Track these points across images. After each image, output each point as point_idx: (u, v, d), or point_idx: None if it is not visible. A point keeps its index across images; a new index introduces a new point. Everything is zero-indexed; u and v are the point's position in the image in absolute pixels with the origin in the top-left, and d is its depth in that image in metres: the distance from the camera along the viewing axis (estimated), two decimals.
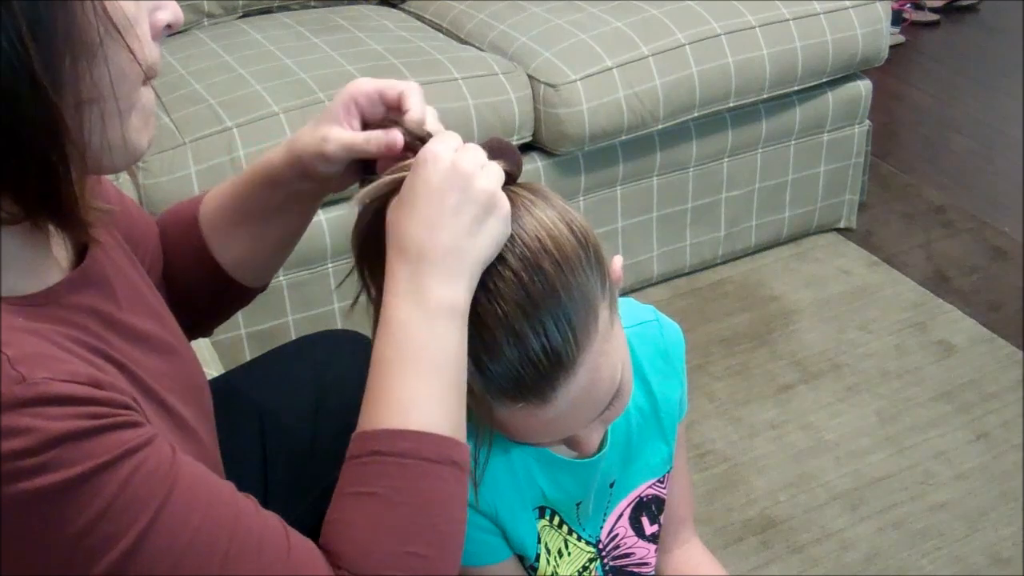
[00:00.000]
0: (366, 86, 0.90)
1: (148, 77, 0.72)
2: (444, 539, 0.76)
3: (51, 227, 0.76)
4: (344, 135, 0.90)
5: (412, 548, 0.74)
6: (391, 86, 0.90)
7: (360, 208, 0.84)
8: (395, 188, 0.82)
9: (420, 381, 0.77)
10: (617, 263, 0.87)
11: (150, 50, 0.71)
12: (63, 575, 0.65)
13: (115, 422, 0.66)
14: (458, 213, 0.78)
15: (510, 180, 0.84)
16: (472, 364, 0.80)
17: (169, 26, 0.73)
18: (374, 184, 0.83)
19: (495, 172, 0.81)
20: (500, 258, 0.80)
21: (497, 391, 0.82)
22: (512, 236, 0.81)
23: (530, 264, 0.80)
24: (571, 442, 0.91)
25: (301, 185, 0.96)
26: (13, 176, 0.66)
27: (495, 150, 0.84)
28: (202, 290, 1.04)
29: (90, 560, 0.65)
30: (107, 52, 0.67)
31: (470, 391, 0.82)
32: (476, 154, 0.81)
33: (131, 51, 0.68)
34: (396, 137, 0.87)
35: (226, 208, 1.01)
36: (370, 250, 0.85)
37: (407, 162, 0.82)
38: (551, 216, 0.82)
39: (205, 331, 1.13)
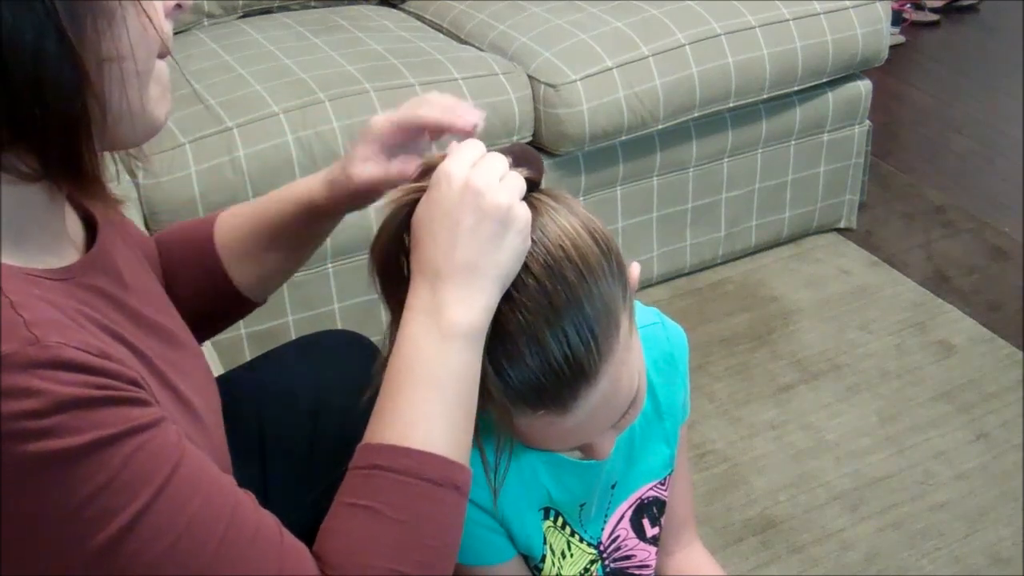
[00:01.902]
0: (398, 117, 0.95)
1: (163, 51, 0.74)
2: (434, 561, 0.76)
3: (68, 199, 0.78)
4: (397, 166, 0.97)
5: (401, 567, 0.74)
6: (429, 116, 0.94)
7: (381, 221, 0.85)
8: (413, 204, 0.81)
9: (429, 401, 0.77)
10: (635, 271, 0.86)
11: (164, 24, 0.74)
12: (59, 545, 0.66)
13: (123, 396, 0.67)
14: (475, 232, 0.77)
15: (533, 187, 0.83)
16: (493, 372, 0.80)
17: (179, 6, 0.75)
18: (391, 199, 0.83)
19: (513, 184, 0.80)
20: (523, 266, 0.80)
21: (518, 399, 0.81)
22: (535, 243, 0.80)
23: (553, 272, 0.79)
24: (585, 449, 0.90)
25: (341, 214, 1.03)
26: (37, 130, 0.67)
27: (518, 157, 0.83)
28: (208, 306, 1.06)
29: (87, 533, 0.65)
30: (125, 15, 0.69)
31: (490, 398, 0.81)
32: (494, 166, 0.80)
33: (147, 16, 0.71)
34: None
35: (255, 235, 1.04)
36: (389, 268, 0.84)
37: (423, 183, 0.82)
38: (574, 224, 0.81)
39: (200, 340, 1.14)
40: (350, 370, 1.15)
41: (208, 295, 1.06)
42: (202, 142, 1.73)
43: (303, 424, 1.13)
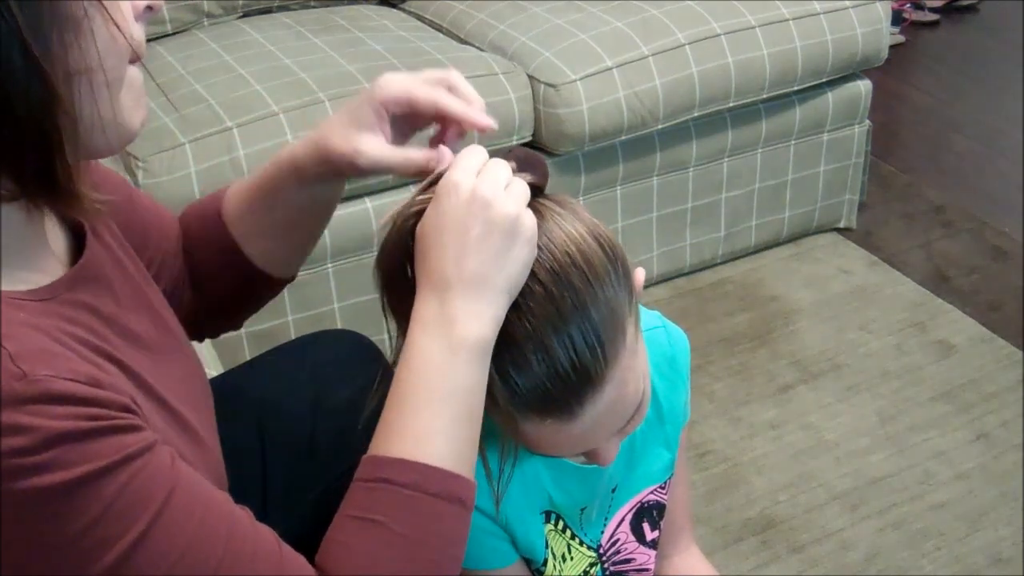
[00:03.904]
0: (396, 90, 0.88)
1: (135, 56, 0.73)
2: (438, 575, 0.76)
3: (48, 214, 0.76)
4: (377, 151, 0.89)
5: None
6: (423, 96, 0.88)
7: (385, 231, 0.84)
8: (419, 212, 0.81)
9: (436, 415, 0.77)
10: (640, 276, 0.86)
11: (134, 29, 0.72)
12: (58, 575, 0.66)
13: (115, 425, 0.66)
14: (483, 242, 0.77)
15: (538, 192, 0.83)
16: (499, 378, 0.80)
17: (150, 8, 0.74)
18: (399, 210, 0.82)
19: (519, 192, 0.79)
20: (529, 273, 0.79)
21: (524, 406, 0.81)
22: (541, 250, 0.79)
23: (560, 279, 0.79)
24: (589, 454, 0.90)
25: (329, 180, 0.96)
26: (9, 150, 0.66)
27: (521, 162, 0.82)
28: (230, 283, 1.03)
29: (85, 563, 0.65)
30: (92, 25, 0.68)
31: (495, 405, 0.81)
32: (499, 174, 0.79)
33: (116, 24, 0.69)
34: (430, 158, 0.87)
35: (251, 202, 1.00)
36: (394, 278, 0.84)
37: (428, 195, 0.81)
38: (580, 230, 0.81)
39: (235, 324, 1.13)
40: (350, 370, 1.15)
41: (228, 273, 1.03)
42: (202, 142, 1.73)
43: (303, 423, 1.13)
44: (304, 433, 1.12)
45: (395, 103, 0.89)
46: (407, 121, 0.92)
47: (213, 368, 1.36)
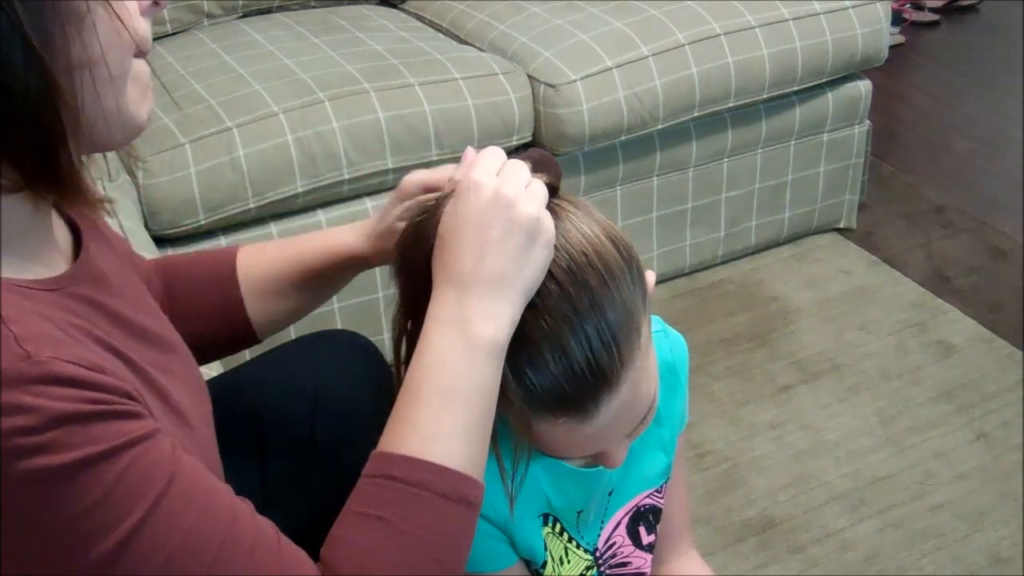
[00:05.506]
0: (411, 181, 0.96)
1: (141, 51, 0.73)
2: (442, 575, 0.76)
3: (52, 207, 0.76)
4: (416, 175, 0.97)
5: None
6: (437, 175, 0.94)
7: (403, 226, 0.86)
8: (431, 210, 0.81)
9: (448, 414, 0.77)
10: (651, 278, 0.86)
11: (139, 23, 0.72)
12: (55, 561, 0.66)
13: (117, 410, 0.67)
14: (503, 242, 0.77)
15: (552, 192, 0.83)
16: (514, 378, 0.79)
17: (156, 3, 0.74)
18: (410, 206, 0.84)
19: (538, 193, 0.80)
20: (546, 273, 0.79)
21: (540, 405, 0.81)
22: (558, 250, 0.79)
23: (576, 279, 0.79)
24: (598, 457, 0.90)
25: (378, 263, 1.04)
26: (11, 141, 0.67)
27: (537, 163, 0.83)
28: (213, 334, 1.07)
29: (82, 548, 0.65)
30: (95, 19, 0.68)
31: (510, 405, 0.81)
32: (518, 175, 0.80)
33: (119, 18, 0.69)
34: None
35: (287, 277, 1.07)
36: (409, 270, 0.84)
37: (447, 192, 0.82)
38: (595, 230, 0.82)
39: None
40: (349, 370, 1.15)
41: (217, 324, 1.07)
42: (202, 142, 1.73)
43: (302, 424, 1.13)
44: (304, 432, 1.12)
45: (414, 191, 0.96)
46: None
47: (213, 368, 1.36)
